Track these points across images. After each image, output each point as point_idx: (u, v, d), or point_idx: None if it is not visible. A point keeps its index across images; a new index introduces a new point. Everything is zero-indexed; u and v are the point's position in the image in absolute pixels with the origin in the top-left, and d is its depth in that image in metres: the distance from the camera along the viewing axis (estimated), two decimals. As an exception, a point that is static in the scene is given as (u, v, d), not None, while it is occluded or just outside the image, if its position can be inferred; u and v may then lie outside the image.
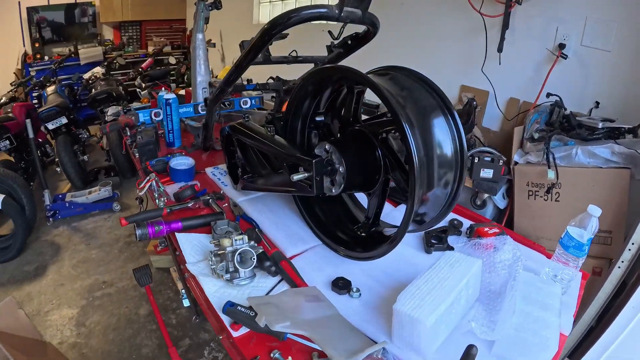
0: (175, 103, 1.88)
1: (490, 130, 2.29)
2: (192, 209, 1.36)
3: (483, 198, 1.86)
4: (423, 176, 0.79)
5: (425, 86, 0.91)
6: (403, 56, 2.80)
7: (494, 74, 2.24)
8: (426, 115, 0.87)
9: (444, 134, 0.86)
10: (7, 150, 3.24)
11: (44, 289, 2.52)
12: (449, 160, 0.86)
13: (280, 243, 1.10)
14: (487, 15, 2.17)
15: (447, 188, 0.89)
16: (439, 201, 0.92)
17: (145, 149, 1.74)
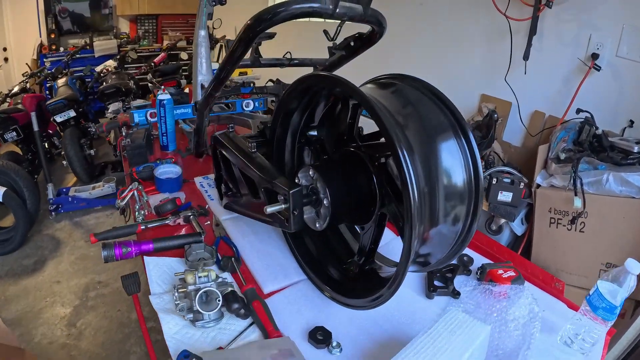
0: (170, 104, 1.76)
1: (511, 145, 2.10)
2: (172, 225, 1.24)
3: (499, 223, 1.68)
4: (424, 211, 0.65)
5: (435, 101, 0.76)
6: (420, 60, 2.63)
7: (518, 84, 2.05)
8: (433, 137, 0.72)
9: (454, 160, 0.71)
10: (14, 141, 3.22)
11: (40, 285, 2.50)
12: (459, 191, 0.72)
13: (259, 275, 0.97)
14: (513, 19, 1.97)
15: (458, 224, 0.74)
16: (446, 240, 0.77)
17: (134, 152, 1.63)
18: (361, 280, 0.89)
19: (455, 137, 0.73)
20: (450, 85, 2.51)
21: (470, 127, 1.88)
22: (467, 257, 1.10)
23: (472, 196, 0.73)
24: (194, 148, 1.64)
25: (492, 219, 1.72)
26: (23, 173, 2.81)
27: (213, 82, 1.10)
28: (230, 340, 0.79)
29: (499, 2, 2.00)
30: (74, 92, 3.66)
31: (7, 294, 2.39)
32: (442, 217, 0.71)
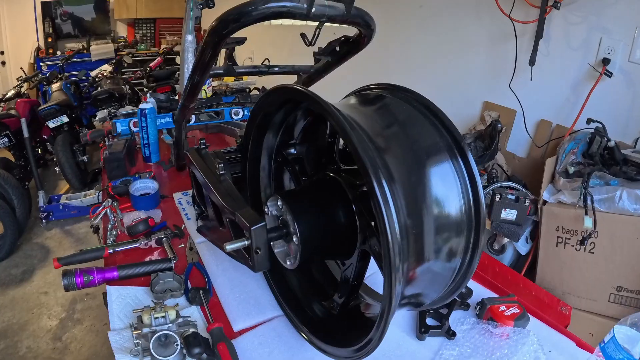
0: (152, 113, 1.67)
1: (516, 156, 1.98)
2: (143, 248, 1.15)
3: (503, 242, 1.57)
4: (408, 249, 0.55)
5: (430, 118, 0.65)
6: (419, 65, 2.52)
7: (524, 91, 1.93)
8: (421, 161, 0.62)
9: (449, 187, 0.61)
10: (6, 147, 3.15)
11: (28, 296, 2.46)
12: (455, 222, 0.61)
13: (229, 310, 0.86)
14: (518, 21, 1.85)
15: (454, 260, 0.64)
16: (440, 279, 0.66)
17: (112, 165, 1.53)
18: (344, 320, 0.78)
19: (452, 160, 0.62)
20: (451, 92, 2.42)
21: (469, 145, 1.77)
22: (465, 289, 0.98)
23: (472, 227, 0.62)
24: (175, 161, 1.55)
25: (494, 238, 1.60)
26: (12, 180, 2.74)
27: (185, 91, 1.00)
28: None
29: (503, 3, 1.88)
30: (67, 97, 3.59)
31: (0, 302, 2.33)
32: (432, 254, 0.60)
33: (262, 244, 0.63)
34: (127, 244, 1.14)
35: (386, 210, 0.50)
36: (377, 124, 0.65)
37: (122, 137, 1.83)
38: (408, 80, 2.73)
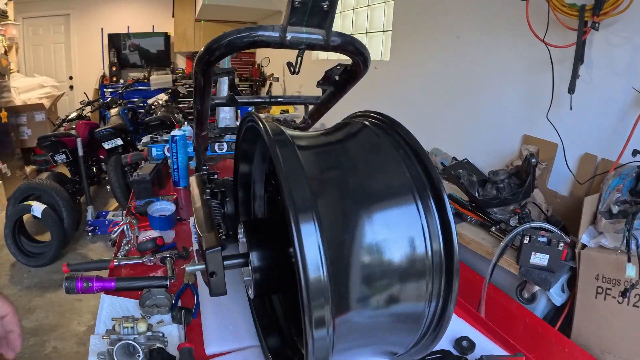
0: (182, 140, 1.79)
1: (557, 195, 1.81)
2: (148, 265, 1.18)
3: (533, 290, 1.42)
4: (338, 294, 0.48)
5: (401, 151, 0.60)
6: (456, 98, 2.45)
7: (564, 122, 1.79)
8: (373, 200, 0.54)
9: (402, 227, 0.53)
10: (64, 163, 3.46)
11: (63, 300, 2.59)
12: (407, 266, 0.52)
13: (207, 333, 0.85)
14: (552, 46, 1.72)
15: (413, 308, 0.55)
16: (392, 329, 0.57)
17: (140, 187, 1.64)
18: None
19: (419, 198, 0.55)
20: (489, 125, 2.31)
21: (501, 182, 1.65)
22: (467, 342, 0.88)
23: (442, 272, 0.54)
24: (196, 185, 1.61)
25: (524, 285, 1.45)
26: (64, 194, 2.98)
27: (194, 120, 1.05)
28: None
29: (537, 26, 1.77)
30: (123, 122, 3.90)
31: (31, 304, 2.48)
32: (370, 301, 0.51)
33: (218, 268, 0.61)
34: (133, 259, 1.19)
35: (301, 254, 0.45)
36: (324, 160, 0.60)
37: (154, 161, 1.96)
38: (445, 114, 2.67)
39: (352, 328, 0.51)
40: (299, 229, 0.45)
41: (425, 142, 2.62)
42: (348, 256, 0.48)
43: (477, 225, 1.64)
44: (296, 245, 0.45)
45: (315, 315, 0.45)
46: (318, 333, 0.46)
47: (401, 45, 2.99)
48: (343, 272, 0.48)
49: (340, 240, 0.49)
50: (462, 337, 0.90)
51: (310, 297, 0.45)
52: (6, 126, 4.20)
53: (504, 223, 1.55)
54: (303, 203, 0.48)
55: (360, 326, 0.52)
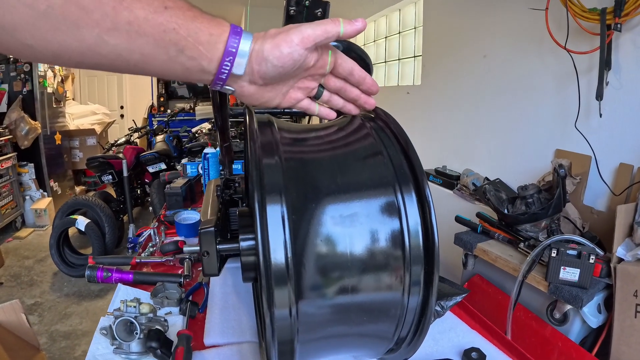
0: (214, 158, 1.89)
1: (594, 210, 1.69)
2: (166, 264, 1.23)
3: (564, 310, 1.31)
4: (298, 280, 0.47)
5: (378, 132, 0.60)
6: (486, 117, 2.40)
7: (595, 133, 1.69)
8: (340, 184, 0.52)
9: (378, 217, 0.50)
10: (110, 183, 3.71)
11: (98, 309, 2.71)
12: (370, 255, 0.49)
13: (209, 324, 0.86)
14: (576, 52, 1.66)
15: (381, 297, 0.52)
16: (359, 319, 0.52)
17: (171, 198, 1.76)
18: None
19: (397, 183, 0.52)
20: (520, 143, 2.24)
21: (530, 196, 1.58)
22: (477, 354, 0.83)
23: (419, 264, 0.51)
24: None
25: (554, 304, 1.34)
26: (108, 211, 3.18)
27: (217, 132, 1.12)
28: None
29: (558, 34, 1.72)
30: (168, 148, 4.15)
31: (68, 310, 2.62)
32: (333, 285, 0.48)
33: (211, 248, 0.63)
34: (154, 258, 1.25)
35: (262, 221, 0.45)
36: (306, 139, 0.60)
37: (188, 177, 2.09)
38: (477, 133, 2.63)
39: (318, 315, 0.49)
40: (263, 189, 0.46)
41: (458, 163, 2.60)
42: (314, 236, 0.47)
43: (505, 242, 1.56)
44: (256, 206, 0.46)
45: (277, 293, 0.44)
46: (279, 312, 0.45)
47: (431, 69, 3.01)
48: (309, 252, 0.47)
49: (307, 217, 0.48)
50: (471, 348, 0.85)
51: (272, 278, 0.44)
52: (60, 148, 4.61)
53: (533, 239, 1.46)
54: (271, 177, 0.48)
55: (327, 315, 0.50)
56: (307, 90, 0.54)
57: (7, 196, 3.76)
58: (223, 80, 0.46)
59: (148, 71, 0.44)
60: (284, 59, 0.45)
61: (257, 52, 0.45)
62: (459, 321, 0.97)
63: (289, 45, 0.45)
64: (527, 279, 1.36)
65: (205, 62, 0.44)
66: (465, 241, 1.63)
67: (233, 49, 0.44)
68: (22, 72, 4.12)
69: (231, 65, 0.45)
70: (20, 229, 3.95)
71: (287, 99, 0.53)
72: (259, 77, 0.47)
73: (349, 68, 0.54)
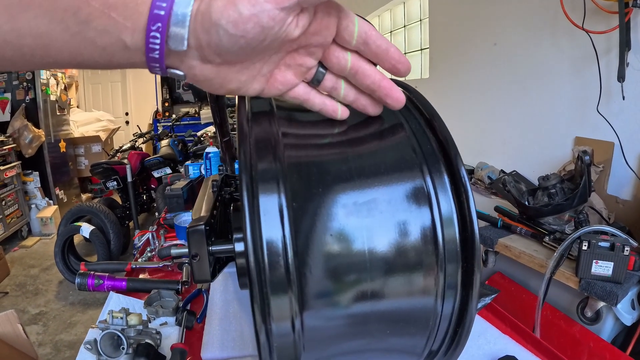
0: (216, 157, 1.82)
1: (619, 200, 1.57)
2: (164, 270, 1.15)
3: (597, 307, 1.20)
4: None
5: (408, 116, 0.50)
6: (499, 106, 2.30)
7: (618, 117, 1.57)
8: (353, 172, 0.39)
9: (405, 211, 0.37)
10: (115, 189, 3.66)
11: None
12: (395, 256, 0.37)
13: (207, 337, 0.77)
14: (594, 32, 1.54)
15: (387, 303, 0.41)
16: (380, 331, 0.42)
17: (172, 201, 1.67)
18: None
19: (428, 174, 0.41)
20: (537, 132, 2.12)
21: (553, 187, 1.47)
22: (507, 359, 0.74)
23: (455, 264, 0.39)
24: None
25: (586, 302, 1.23)
26: (112, 217, 3.12)
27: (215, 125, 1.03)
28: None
29: (574, 15, 1.61)
30: (173, 152, 4.09)
31: (73, 319, 2.56)
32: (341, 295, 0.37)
33: (202, 250, 0.53)
34: (151, 264, 1.16)
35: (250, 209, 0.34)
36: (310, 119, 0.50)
37: (190, 179, 2.01)
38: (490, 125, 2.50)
39: (329, 329, 0.39)
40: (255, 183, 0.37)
41: (471, 157, 2.48)
42: (322, 229, 0.37)
43: (528, 236, 1.45)
44: (244, 192, 0.36)
45: (274, 303, 0.34)
46: (278, 326, 0.35)
47: (439, 60, 2.90)
48: (315, 251, 0.36)
49: (312, 205, 0.37)
50: (506, 356, 0.75)
51: (267, 285, 0.34)
52: (65, 156, 4.58)
53: (558, 232, 1.35)
54: (264, 155, 0.39)
55: (341, 329, 0.40)
56: (301, 71, 0.36)
57: (12, 205, 3.72)
58: (157, 60, 0.30)
59: (54, 60, 0.30)
60: (244, 25, 0.28)
61: (202, 14, 0.29)
62: (488, 325, 0.87)
63: (253, 2, 0.28)
64: (555, 275, 1.26)
65: (127, 35, 0.29)
66: (485, 237, 1.52)
67: (161, 11, 0.29)
68: (24, 80, 4.09)
69: (162, 36, 0.29)
70: (26, 237, 3.92)
71: (271, 82, 0.35)
72: (212, 51, 0.30)
73: (363, 33, 0.34)
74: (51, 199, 4.26)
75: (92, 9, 0.28)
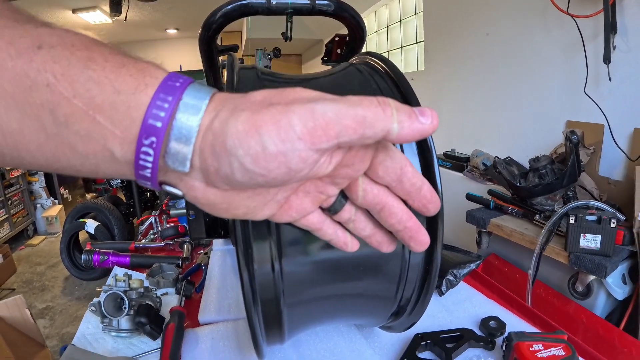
0: None
1: (611, 181, 1.60)
2: (166, 249, 1.19)
3: (587, 281, 1.23)
4: None
5: (379, 81, 0.55)
6: (493, 94, 2.33)
7: (605, 98, 1.60)
8: None
9: None
10: (119, 187, 3.72)
11: None
12: None
13: (205, 304, 0.81)
14: (578, 16, 1.58)
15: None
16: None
17: None
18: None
19: None
20: (530, 118, 2.15)
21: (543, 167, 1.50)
22: (496, 322, 0.77)
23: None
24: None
25: (576, 277, 1.27)
26: (117, 214, 3.17)
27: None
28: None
29: (560, 0, 1.64)
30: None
31: (79, 313, 2.61)
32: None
33: (198, 210, 0.58)
34: (153, 243, 1.21)
35: None
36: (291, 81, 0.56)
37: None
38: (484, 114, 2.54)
39: (306, 274, 0.43)
40: None
41: (467, 146, 2.52)
42: None
43: (519, 216, 1.48)
44: None
45: (256, 248, 0.39)
46: (260, 267, 0.40)
47: (434, 53, 2.94)
48: None
49: None
50: (489, 317, 0.78)
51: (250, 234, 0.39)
52: (72, 157, 4.64)
53: (548, 210, 1.38)
54: None
55: (318, 274, 0.43)
56: (320, 198, 0.30)
57: (18, 205, 3.79)
58: (149, 178, 0.24)
59: (28, 163, 0.25)
60: (267, 163, 0.22)
61: (214, 134, 0.23)
62: (474, 291, 0.90)
63: (283, 136, 0.22)
64: (546, 252, 1.29)
65: (115, 145, 0.23)
66: (478, 218, 1.56)
67: (158, 122, 0.23)
68: (28, 82, 4.16)
69: (156, 153, 0.23)
70: (32, 236, 3.98)
71: (284, 209, 0.29)
72: (220, 180, 0.24)
73: (399, 169, 0.29)
74: (56, 199, 4.32)
75: (74, 109, 0.22)
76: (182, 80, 0.24)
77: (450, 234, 2.19)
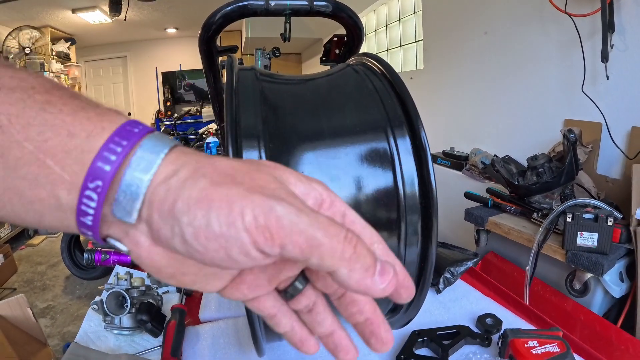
0: (215, 145, 1.89)
1: (609, 179, 1.61)
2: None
3: (584, 279, 1.24)
4: None
5: (377, 83, 0.56)
6: (491, 93, 2.34)
7: (602, 97, 1.61)
8: (327, 134, 0.48)
9: (370, 169, 0.46)
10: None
11: None
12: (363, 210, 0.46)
13: (206, 301, 0.82)
14: (576, 15, 1.59)
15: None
16: None
17: None
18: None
19: (391, 136, 0.48)
20: (528, 116, 2.16)
21: (541, 166, 1.51)
22: (492, 319, 0.78)
23: (415, 215, 0.46)
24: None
25: (574, 274, 1.28)
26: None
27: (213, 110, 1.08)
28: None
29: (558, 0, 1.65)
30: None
31: (80, 312, 2.62)
32: None
33: None
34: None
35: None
36: (290, 86, 0.57)
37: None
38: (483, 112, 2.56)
39: None
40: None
41: (465, 144, 2.53)
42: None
43: (517, 214, 1.49)
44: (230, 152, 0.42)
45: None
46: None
47: (433, 52, 2.94)
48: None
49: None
50: (486, 314, 0.79)
51: None
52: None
53: (546, 209, 1.39)
54: (247, 122, 0.45)
55: None
56: (278, 278, 0.27)
57: (18, 205, 3.79)
58: (90, 227, 0.22)
59: None
60: (206, 241, 0.21)
61: (168, 191, 0.21)
62: (471, 289, 0.91)
63: (230, 220, 0.20)
64: (543, 249, 1.30)
65: (63, 191, 0.22)
66: (476, 216, 1.57)
67: (106, 166, 0.21)
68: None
69: (100, 199, 0.21)
70: (33, 236, 3.99)
71: (236, 283, 0.26)
72: (162, 242, 0.22)
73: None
74: (56, 199, 4.33)
75: (24, 152, 0.21)
76: (142, 127, 0.23)
77: (449, 232, 2.20)
